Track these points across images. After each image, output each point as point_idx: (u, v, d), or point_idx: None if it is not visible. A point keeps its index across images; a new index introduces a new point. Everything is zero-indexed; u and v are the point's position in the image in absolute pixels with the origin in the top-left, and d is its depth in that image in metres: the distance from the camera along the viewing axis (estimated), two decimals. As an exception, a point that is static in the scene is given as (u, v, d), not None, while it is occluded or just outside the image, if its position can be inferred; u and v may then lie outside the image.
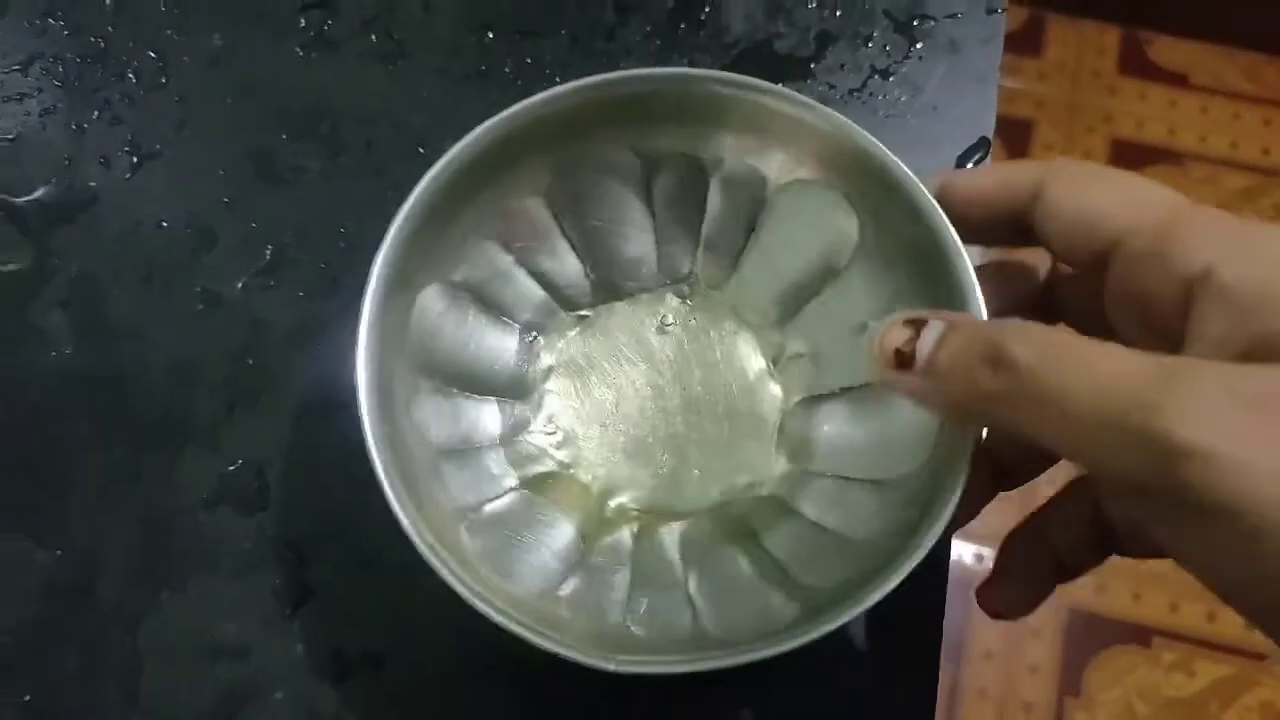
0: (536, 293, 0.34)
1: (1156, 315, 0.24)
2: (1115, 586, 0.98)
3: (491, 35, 0.40)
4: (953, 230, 0.29)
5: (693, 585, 0.30)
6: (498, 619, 0.26)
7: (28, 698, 0.31)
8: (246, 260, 0.37)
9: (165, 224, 0.37)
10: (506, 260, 0.33)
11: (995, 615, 0.29)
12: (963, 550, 1.02)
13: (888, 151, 0.31)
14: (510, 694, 0.31)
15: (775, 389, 0.34)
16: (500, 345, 0.33)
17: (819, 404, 0.33)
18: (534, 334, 0.34)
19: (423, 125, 0.37)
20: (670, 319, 0.34)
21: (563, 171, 0.33)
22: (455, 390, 0.32)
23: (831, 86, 0.39)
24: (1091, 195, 0.25)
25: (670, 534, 0.32)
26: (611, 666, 0.25)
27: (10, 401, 0.35)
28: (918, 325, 0.25)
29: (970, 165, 0.38)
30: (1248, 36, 1.28)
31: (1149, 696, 0.95)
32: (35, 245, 0.37)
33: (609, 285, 0.35)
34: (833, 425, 0.32)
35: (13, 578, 0.33)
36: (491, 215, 0.33)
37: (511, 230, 0.33)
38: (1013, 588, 0.29)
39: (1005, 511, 1.06)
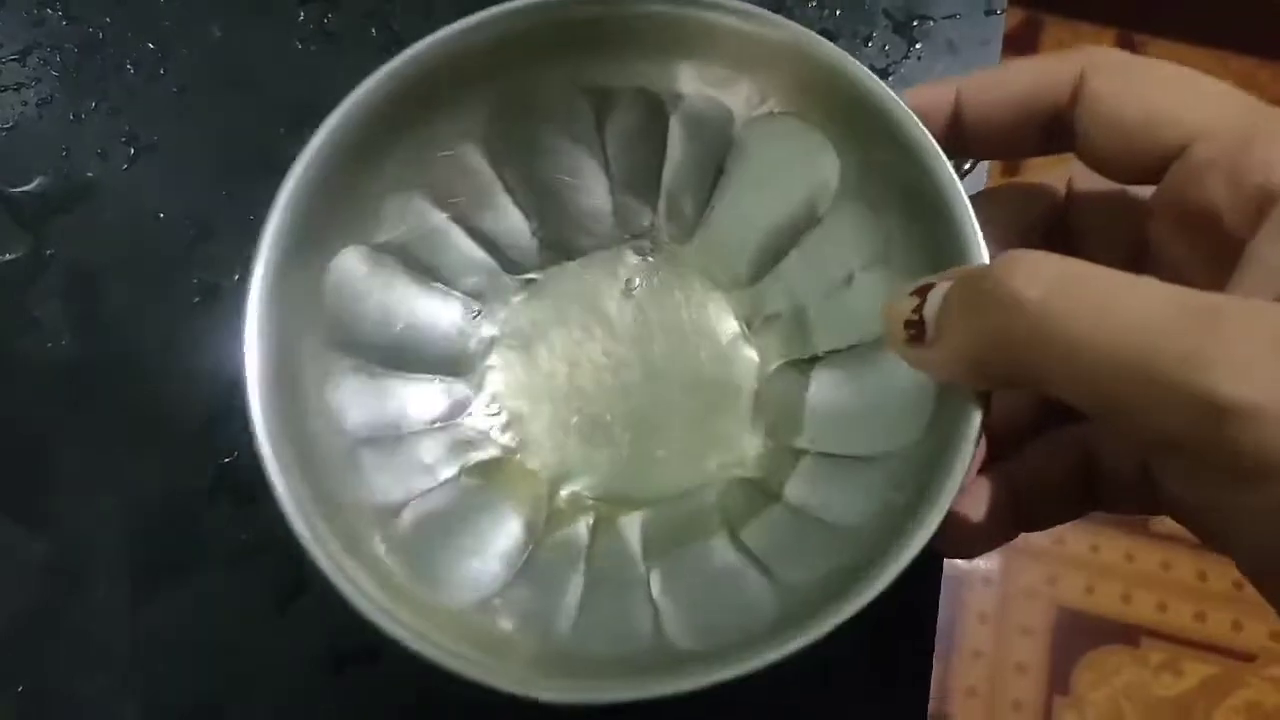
0: (476, 254, 0.28)
1: (1216, 235, 0.20)
2: (1104, 587, 0.97)
3: None
4: (950, 167, 0.23)
5: (656, 585, 0.24)
6: (402, 636, 0.21)
7: (21, 688, 0.29)
8: (243, 252, 0.36)
9: (163, 215, 0.33)
10: (439, 217, 0.27)
11: (942, 553, 0.24)
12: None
13: (871, 75, 0.24)
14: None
15: (750, 354, 0.27)
16: (435, 315, 0.27)
17: (801, 369, 0.27)
18: (474, 301, 0.28)
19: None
20: (630, 280, 0.29)
21: (501, 112, 0.26)
22: (381, 368, 0.26)
23: None
24: (1151, 93, 0.21)
25: (631, 525, 0.26)
26: (542, 697, 0.21)
27: (6, 391, 0.32)
28: (924, 292, 0.20)
29: (968, 165, 0.32)
30: (1241, 41, 1.28)
31: (1137, 696, 0.91)
32: (32, 235, 0.34)
33: (559, 244, 0.28)
34: (817, 394, 0.26)
35: (7, 567, 0.30)
36: (420, 165, 0.26)
37: (444, 182, 0.27)
38: (969, 529, 0.24)
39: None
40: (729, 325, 0.28)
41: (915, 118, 0.23)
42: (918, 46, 0.37)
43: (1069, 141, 0.22)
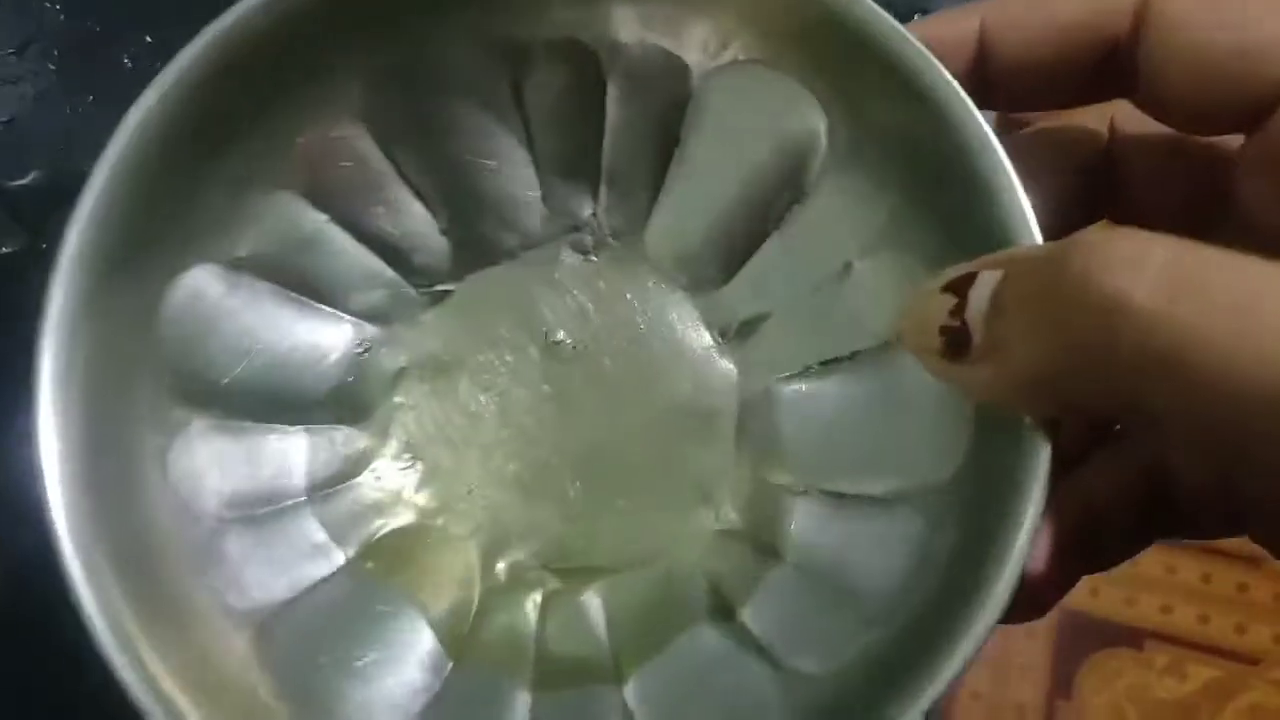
0: (369, 262, 0.21)
1: None
2: (1108, 590, 0.97)
3: None
4: (981, 119, 0.17)
5: (632, 691, 0.19)
6: None
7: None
8: None
9: None
10: (316, 219, 0.21)
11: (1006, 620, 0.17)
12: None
13: (868, 2, 0.18)
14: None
15: (727, 369, 0.22)
16: (318, 346, 0.21)
17: (793, 385, 0.21)
18: (370, 324, 0.22)
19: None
20: (570, 285, 0.22)
21: (388, 79, 0.20)
22: (250, 422, 0.20)
23: None
24: (1244, 18, 0.16)
25: (592, 604, 0.20)
26: None
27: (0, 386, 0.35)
28: (962, 287, 0.15)
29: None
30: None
31: (1140, 699, 0.93)
32: (28, 231, 0.34)
33: (477, 243, 0.22)
34: (812, 415, 0.21)
35: None
36: (284, 154, 0.20)
37: (321, 174, 0.20)
38: (1031, 580, 0.17)
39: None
40: (698, 335, 0.22)
41: (931, 58, 0.18)
42: (920, 43, 0.36)
43: (1128, 84, 0.17)
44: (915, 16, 0.36)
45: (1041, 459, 0.16)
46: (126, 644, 0.16)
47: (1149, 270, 0.13)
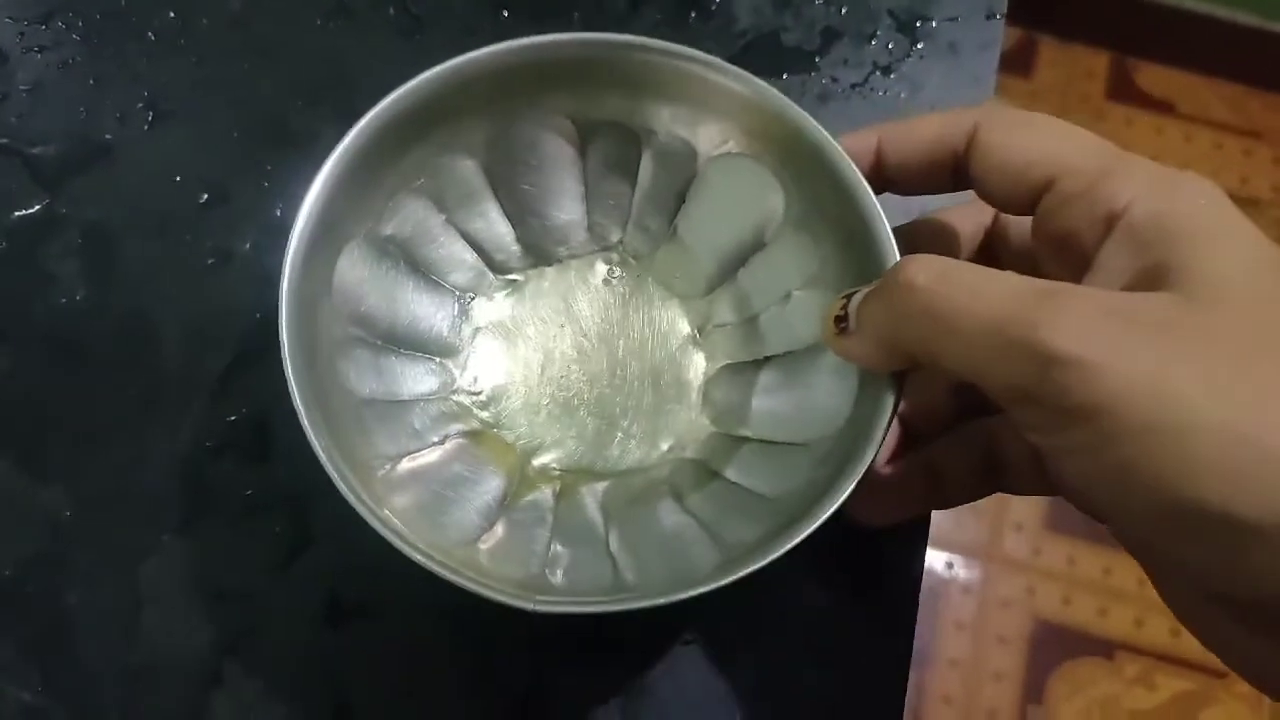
0: (466, 254, 0.32)
1: (1077, 253, 0.24)
2: (1081, 600, 0.99)
3: (507, 14, 0.38)
4: (876, 203, 0.28)
5: (614, 541, 0.29)
6: (419, 559, 0.25)
7: (26, 632, 0.30)
8: (257, 218, 0.35)
9: (178, 179, 0.36)
10: (437, 219, 0.32)
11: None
12: (933, 558, 1.04)
13: (817, 125, 0.29)
14: (512, 643, 0.31)
15: (699, 356, 0.32)
16: (429, 304, 0.32)
17: (742, 371, 0.32)
18: (464, 295, 0.32)
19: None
20: (598, 286, 0.33)
21: (498, 133, 0.31)
22: (382, 343, 0.30)
23: (835, 80, 0.38)
24: (1027, 139, 0.26)
25: (592, 493, 0.31)
26: (530, 606, 0.25)
27: (19, 344, 0.34)
28: (849, 295, 0.26)
29: None
30: (1232, 68, 1.30)
31: (1110, 708, 0.95)
32: (48, 193, 0.35)
33: (539, 250, 0.33)
34: (758, 392, 0.31)
35: (17, 515, 0.32)
36: (424, 172, 0.31)
37: (444, 189, 0.31)
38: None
39: (977, 524, 1.08)
40: (682, 330, 0.33)
41: (849, 161, 0.29)
42: (919, 46, 0.39)
43: (968, 181, 0.28)
44: (916, 23, 0.37)
45: (886, 410, 0.27)
46: (334, 458, 0.26)
47: (929, 270, 0.23)
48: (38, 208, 0.35)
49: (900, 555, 0.32)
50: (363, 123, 0.29)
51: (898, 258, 0.28)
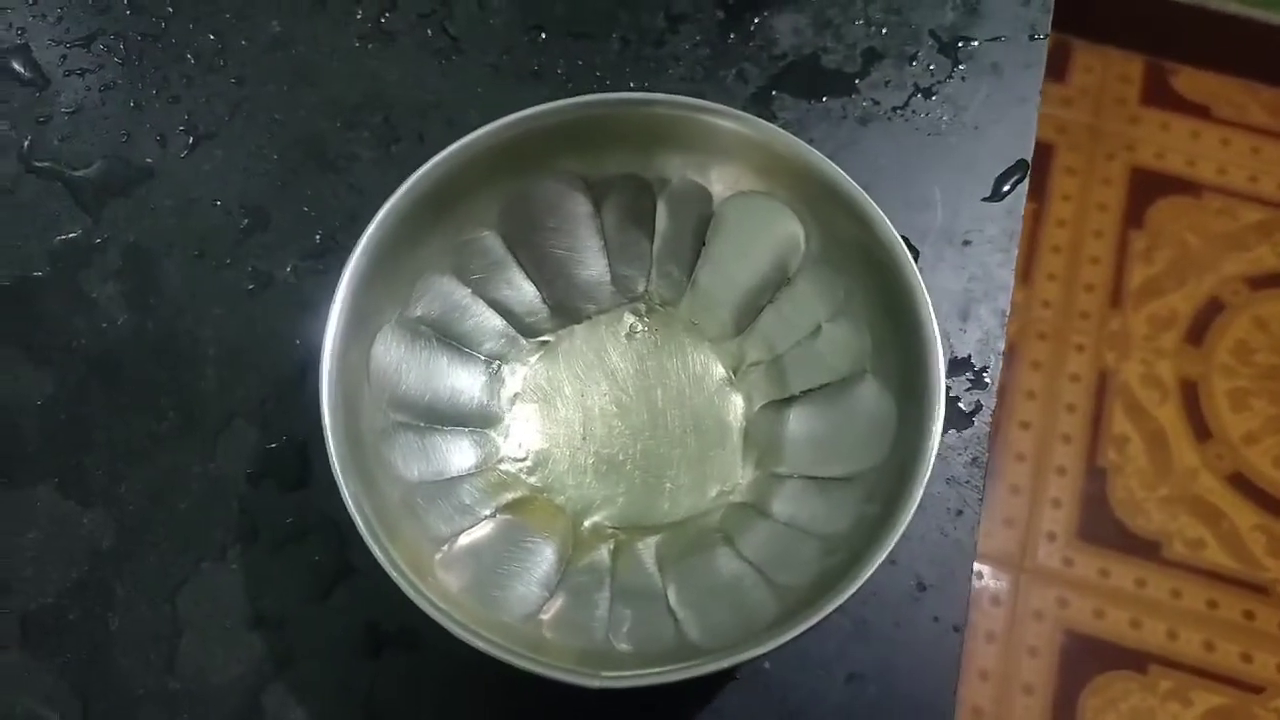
0: (496, 322, 0.33)
1: None
2: (1113, 612, 0.98)
3: (544, 36, 0.39)
4: (893, 228, 0.29)
5: (673, 596, 0.29)
6: (481, 646, 0.25)
7: (68, 657, 0.30)
8: (297, 243, 0.35)
9: (219, 203, 0.36)
10: (464, 293, 0.32)
11: None
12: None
13: (825, 159, 0.30)
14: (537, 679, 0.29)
15: (737, 397, 0.33)
16: (465, 376, 0.32)
17: (781, 408, 0.32)
18: (497, 363, 0.33)
19: (476, 120, 0.34)
20: (629, 338, 0.33)
21: (513, 201, 0.32)
22: (424, 424, 0.31)
23: (876, 103, 0.38)
24: None
25: (647, 548, 0.31)
26: (596, 683, 0.25)
27: (61, 368, 0.34)
28: None
29: (1007, 187, 0.36)
30: (1270, 71, 1.28)
31: None
32: (90, 216, 0.36)
33: (567, 309, 0.34)
34: (796, 427, 0.31)
35: (58, 541, 0.32)
36: (445, 250, 0.32)
37: (466, 262, 0.32)
38: None
39: (1008, 534, 1.06)
40: (718, 373, 0.33)
41: (861, 190, 0.29)
42: (962, 67, 0.38)
43: None
44: (958, 44, 0.37)
45: (931, 441, 0.27)
46: (384, 547, 0.26)
47: None
48: (79, 231, 0.36)
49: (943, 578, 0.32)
50: (380, 215, 0.30)
51: (922, 286, 0.28)
